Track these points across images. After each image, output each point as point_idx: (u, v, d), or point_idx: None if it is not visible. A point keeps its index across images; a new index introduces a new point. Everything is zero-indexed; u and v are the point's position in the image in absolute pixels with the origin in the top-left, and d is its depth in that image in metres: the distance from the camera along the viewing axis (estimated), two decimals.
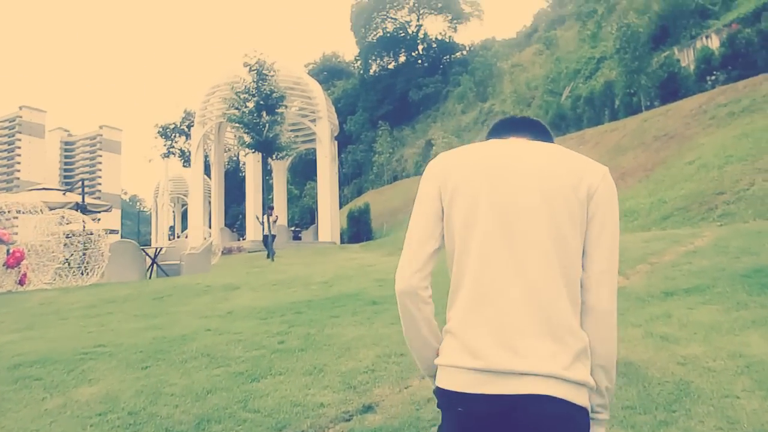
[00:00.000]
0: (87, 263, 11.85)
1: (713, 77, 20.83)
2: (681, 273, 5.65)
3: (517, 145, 1.46)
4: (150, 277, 13.27)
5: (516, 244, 1.33)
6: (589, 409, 1.33)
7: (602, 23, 37.47)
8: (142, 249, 13.91)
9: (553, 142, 1.54)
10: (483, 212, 1.36)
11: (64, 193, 20.93)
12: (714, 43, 22.71)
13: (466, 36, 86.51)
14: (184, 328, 5.64)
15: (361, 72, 63.92)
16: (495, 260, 1.34)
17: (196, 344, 4.96)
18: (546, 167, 1.39)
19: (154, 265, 13.77)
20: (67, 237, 11.74)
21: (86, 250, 11.81)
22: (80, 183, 22.81)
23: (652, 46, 25.94)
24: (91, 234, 11.80)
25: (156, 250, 14.64)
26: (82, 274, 11.70)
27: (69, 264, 11.83)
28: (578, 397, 1.28)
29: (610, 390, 1.40)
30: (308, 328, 5.24)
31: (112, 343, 5.25)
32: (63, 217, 11.67)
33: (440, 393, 1.37)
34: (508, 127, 1.55)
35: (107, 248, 12.20)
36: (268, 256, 18.41)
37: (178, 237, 35.57)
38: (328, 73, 67.83)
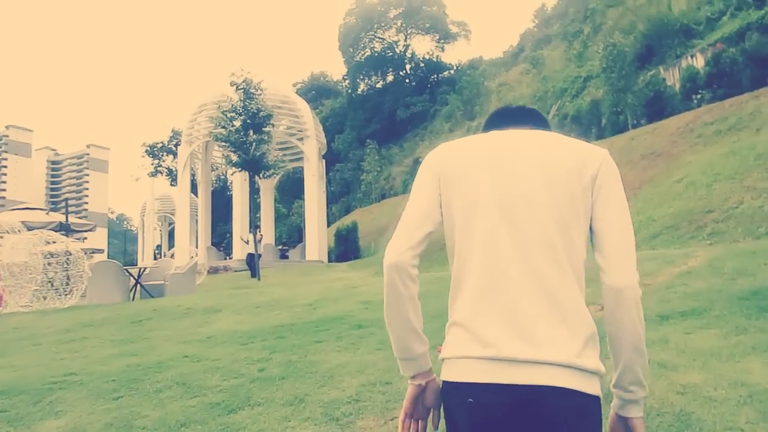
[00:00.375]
0: (66, 285, 11.53)
1: (699, 96, 20.97)
2: (676, 295, 5.49)
3: (517, 135, 1.46)
4: (133, 299, 12.96)
5: (519, 232, 1.32)
6: (602, 397, 1.31)
7: (588, 43, 37.84)
8: (125, 269, 13.59)
9: (550, 130, 1.53)
10: (484, 202, 1.35)
11: (47, 213, 20.62)
12: (699, 62, 22.90)
13: (454, 55, 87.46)
14: (160, 355, 5.40)
15: (349, 91, 64.21)
16: (499, 249, 1.32)
17: (172, 372, 4.71)
18: (547, 154, 1.38)
19: (138, 285, 13.46)
20: (45, 257, 11.43)
21: (65, 271, 11.48)
22: (64, 202, 22.43)
23: (638, 65, 26.15)
24: (71, 255, 11.49)
25: (140, 270, 14.31)
26: (61, 296, 11.37)
27: (52, 284, 11.52)
28: (590, 386, 1.26)
29: (646, 368, 1.37)
30: (290, 354, 5.01)
31: (84, 371, 4.99)
32: (41, 237, 11.37)
33: (448, 387, 1.33)
34: (505, 117, 1.54)
35: (87, 269, 11.89)
36: (254, 276, 18.17)
37: (164, 256, 35.18)
38: (316, 92, 68.13)
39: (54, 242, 11.78)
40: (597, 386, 1.29)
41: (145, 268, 14.64)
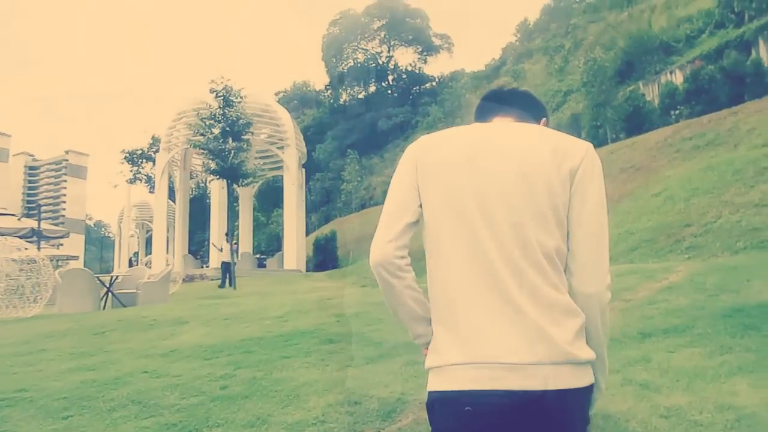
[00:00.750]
0: (31, 293, 11.10)
1: (677, 111, 21.16)
2: (658, 311, 5.32)
3: (497, 127, 1.42)
4: (104, 307, 12.56)
5: (496, 227, 1.27)
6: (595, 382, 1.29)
7: (569, 58, 38.20)
8: (97, 277, 13.17)
9: (545, 114, 1.52)
10: (462, 195, 1.30)
11: (19, 218, 20.11)
12: (678, 78, 23.13)
13: (436, 67, 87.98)
14: (118, 370, 5.10)
15: (331, 101, 64.14)
16: (481, 247, 1.27)
17: (128, 389, 4.43)
18: (525, 147, 1.33)
19: (109, 294, 13.04)
20: (9, 264, 10.99)
21: (28, 279, 11.04)
22: (37, 208, 21.90)
23: (617, 81, 26.38)
24: (34, 262, 11.06)
25: (111, 278, 13.88)
26: (25, 304, 10.94)
27: (16, 291, 11.08)
28: (586, 378, 1.25)
29: (604, 374, 1.37)
30: (255, 370, 4.74)
31: (36, 387, 4.68)
32: (4, 244, 10.94)
33: (438, 398, 1.25)
34: (494, 105, 1.51)
35: (56, 277, 11.47)
36: (230, 284, 17.81)
37: (140, 264, 34.51)
38: (298, 101, 67.87)
39: (19, 249, 11.36)
40: (591, 374, 1.27)
41: (117, 276, 14.22)
